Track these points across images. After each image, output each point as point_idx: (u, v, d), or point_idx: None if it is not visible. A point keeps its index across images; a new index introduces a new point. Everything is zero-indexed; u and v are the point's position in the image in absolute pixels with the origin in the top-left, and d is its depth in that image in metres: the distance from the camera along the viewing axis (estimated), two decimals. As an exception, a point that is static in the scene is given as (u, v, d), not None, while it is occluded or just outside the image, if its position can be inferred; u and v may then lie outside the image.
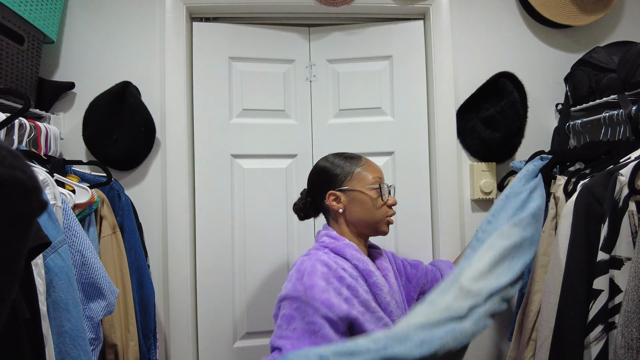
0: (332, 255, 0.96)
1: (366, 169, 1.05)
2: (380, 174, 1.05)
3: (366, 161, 1.07)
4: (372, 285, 0.94)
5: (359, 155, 1.08)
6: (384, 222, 1.03)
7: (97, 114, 1.39)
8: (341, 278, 0.89)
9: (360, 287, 0.91)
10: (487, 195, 1.51)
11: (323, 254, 0.94)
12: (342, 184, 1.03)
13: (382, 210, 1.02)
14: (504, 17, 1.57)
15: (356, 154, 1.09)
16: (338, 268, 0.91)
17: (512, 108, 1.40)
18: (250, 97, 1.56)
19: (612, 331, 0.89)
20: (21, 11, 1.19)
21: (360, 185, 1.02)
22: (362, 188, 1.02)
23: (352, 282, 0.90)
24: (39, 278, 0.82)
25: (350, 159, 1.07)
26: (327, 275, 0.88)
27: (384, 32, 1.58)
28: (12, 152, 0.33)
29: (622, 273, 0.88)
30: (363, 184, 1.02)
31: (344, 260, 0.96)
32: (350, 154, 1.09)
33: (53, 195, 0.94)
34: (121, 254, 1.24)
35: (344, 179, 1.04)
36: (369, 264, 0.97)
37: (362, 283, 0.94)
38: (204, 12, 1.54)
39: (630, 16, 1.58)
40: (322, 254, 0.95)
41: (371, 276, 0.95)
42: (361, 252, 1.00)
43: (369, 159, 1.08)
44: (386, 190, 1.04)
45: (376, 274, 0.96)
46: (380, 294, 0.95)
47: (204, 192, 1.51)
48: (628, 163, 0.93)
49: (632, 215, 0.88)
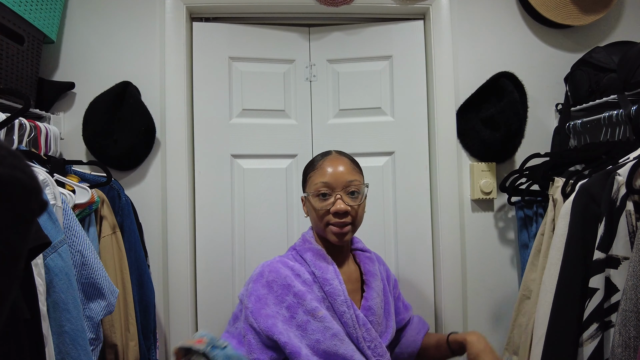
0: (290, 260, 0.98)
1: (316, 172, 0.99)
2: (326, 178, 0.96)
3: (322, 163, 1.00)
4: (327, 294, 0.92)
5: (327, 154, 1.03)
6: (329, 231, 0.96)
7: (97, 114, 1.39)
8: (288, 286, 0.90)
9: (310, 295, 0.91)
10: (487, 195, 1.51)
11: (278, 261, 0.96)
12: (304, 188, 1.04)
13: (325, 219, 0.96)
14: (504, 17, 1.57)
15: (329, 151, 1.05)
16: (289, 275, 0.92)
17: (512, 108, 1.40)
18: (250, 97, 1.56)
19: (609, 330, 0.89)
20: (21, 11, 1.19)
21: (309, 191, 0.99)
22: (310, 195, 0.99)
23: (302, 290, 0.90)
24: (39, 278, 0.82)
25: (313, 162, 1.04)
26: (272, 284, 0.91)
27: (384, 32, 1.59)
28: (12, 152, 0.33)
29: (619, 272, 0.88)
30: (310, 190, 0.99)
31: (304, 264, 0.96)
32: (324, 152, 1.05)
33: (53, 195, 0.95)
34: (121, 254, 1.24)
35: (304, 183, 1.04)
36: (329, 271, 0.94)
37: (317, 290, 0.93)
38: (204, 12, 1.54)
39: (630, 16, 1.58)
40: (278, 260, 0.97)
41: (326, 284, 0.93)
42: (326, 257, 0.97)
43: (330, 160, 1.00)
44: (330, 199, 0.95)
45: (333, 282, 0.93)
46: (335, 303, 0.92)
47: (204, 192, 1.51)
48: (626, 163, 0.93)
49: (630, 215, 0.88)
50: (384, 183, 1.57)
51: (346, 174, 0.97)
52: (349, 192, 0.96)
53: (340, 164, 0.98)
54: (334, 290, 0.92)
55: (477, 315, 1.53)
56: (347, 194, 0.96)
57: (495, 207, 1.55)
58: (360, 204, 0.98)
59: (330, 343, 0.86)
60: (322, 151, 1.08)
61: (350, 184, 0.96)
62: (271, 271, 0.93)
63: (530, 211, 1.43)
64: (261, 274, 0.93)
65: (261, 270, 0.94)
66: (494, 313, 1.53)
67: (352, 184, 0.96)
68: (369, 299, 0.97)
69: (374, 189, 1.57)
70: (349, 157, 1.04)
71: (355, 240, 1.12)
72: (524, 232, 1.46)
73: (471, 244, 1.54)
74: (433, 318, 1.54)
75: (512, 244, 1.55)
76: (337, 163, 0.99)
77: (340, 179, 0.96)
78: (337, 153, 1.04)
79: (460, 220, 1.53)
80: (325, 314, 0.89)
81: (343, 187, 0.96)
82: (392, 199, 1.56)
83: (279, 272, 0.93)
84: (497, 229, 1.55)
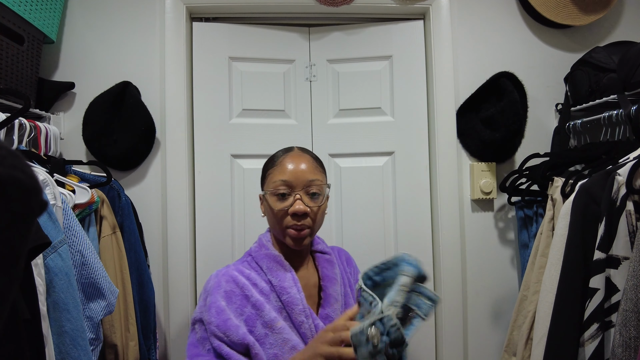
0: (246, 268, 0.91)
1: (275, 169, 0.92)
2: (286, 176, 0.89)
3: (283, 160, 0.92)
4: (285, 303, 0.87)
5: (288, 150, 0.96)
6: (286, 234, 0.89)
7: (97, 114, 1.39)
8: (246, 297, 0.86)
9: (269, 305, 0.86)
10: (487, 195, 1.51)
11: (233, 270, 0.90)
12: (262, 186, 0.96)
13: (282, 220, 0.89)
14: (504, 17, 1.57)
15: (291, 147, 0.97)
16: (246, 285, 0.87)
17: (512, 108, 1.40)
18: (250, 97, 1.56)
19: (609, 330, 0.89)
20: (21, 11, 1.19)
21: (267, 189, 0.92)
22: (268, 193, 0.91)
23: (260, 300, 0.85)
24: (39, 278, 0.82)
25: (274, 158, 0.95)
26: (230, 295, 0.85)
27: (384, 32, 1.59)
28: (12, 152, 0.33)
29: (619, 272, 0.88)
30: (268, 187, 0.92)
31: (260, 272, 0.90)
32: (286, 148, 0.97)
33: (53, 195, 0.95)
34: (121, 254, 1.24)
35: (263, 180, 0.96)
36: (287, 279, 0.89)
37: (275, 300, 0.88)
38: (204, 12, 1.54)
39: (630, 16, 1.59)
40: (233, 269, 0.91)
41: (284, 293, 0.87)
42: (284, 264, 0.91)
43: (292, 157, 0.92)
44: (289, 200, 0.88)
45: (291, 291, 0.87)
46: (293, 313, 0.86)
47: (204, 192, 1.51)
48: (626, 163, 0.93)
49: (630, 215, 0.88)
50: (384, 183, 1.57)
51: (308, 172, 0.90)
52: (309, 193, 0.90)
53: (302, 162, 0.91)
54: (292, 300, 0.87)
55: (476, 316, 1.53)
56: (308, 194, 0.89)
57: (495, 207, 1.55)
58: (321, 206, 0.91)
59: (289, 356, 0.82)
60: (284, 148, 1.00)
61: (311, 184, 0.90)
62: (228, 281, 0.87)
63: (530, 211, 1.43)
64: (218, 285, 0.87)
65: (217, 281, 0.88)
66: (493, 313, 1.53)
67: (313, 184, 0.90)
68: (326, 307, 0.91)
69: (374, 189, 1.57)
70: (312, 154, 0.97)
71: (316, 241, 1.04)
72: (524, 232, 1.46)
73: (471, 244, 1.54)
74: (433, 318, 1.54)
75: (512, 244, 1.55)
76: (299, 160, 0.91)
77: (301, 177, 0.89)
78: (300, 149, 0.97)
79: (460, 220, 1.52)
80: (283, 325, 0.84)
81: (303, 187, 0.89)
82: (392, 199, 1.56)
83: (237, 281, 0.87)
84: (497, 229, 1.55)
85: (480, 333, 1.53)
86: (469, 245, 1.54)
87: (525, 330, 1.19)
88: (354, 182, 1.57)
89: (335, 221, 1.56)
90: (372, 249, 1.55)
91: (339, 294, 0.95)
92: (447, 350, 1.49)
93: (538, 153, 1.45)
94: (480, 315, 1.53)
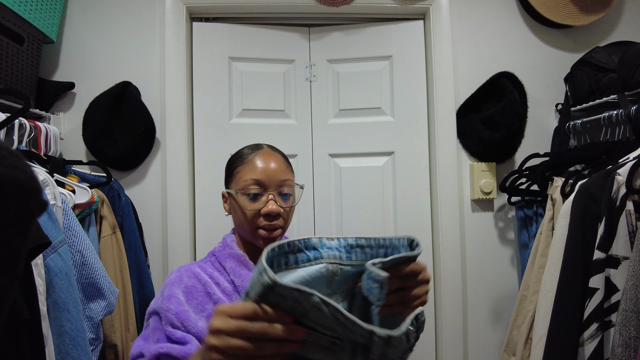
0: (209, 267, 0.88)
1: (245, 168, 0.88)
2: (258, 175, 0.86)
3: (253, 157, 0.88)
4: None
5: (258, 147, 0.91)
6: (257, 235, 0.86)
7: (97, 114, 1.39)
8: (208, 294, 0.82)
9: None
10: (487, 195, 1.51)
11: (196, 267, 0.87)
12: (227, 184, 0.92)
13: (252, 220, 0.86)
14: (504, 17, 1.57)
15: (260, 145, 0.92)
16: (209, 282, 0.83)
17: (512, 108, 1.40)
18: (250, 97, 1.56)
19: (609, 330, 0.89)
20: (21, 11, 1.19)
21: (235, 189, 0.88)
22: (238, 192, 0.87)
23: (222, 299, 0.82)
24: (39, 278, 0.82)
25: (241, 155, 0.91)
26: (192, 290, 0.81)
27: (384, 32, 1.59)
28: (12, 152, 0.33)
29: (619, 272, 0.88)
30: (237, 187, 0.88)
31: (223, 272, 0.87)
32: (254, 145, 0.93)
33: (53, 195, 0.95)
34: (121, 254, 1.24)
35: (228, 178, 0.92)
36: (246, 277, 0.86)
37: (237, 300, 0.83)
38: (204, 12, 1.54)
39: (630, 16, 1.59)
40: (196, 266, 0.87)
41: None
42: (247, 264, 0.88)
43: (263, 155, 0.88)
44: (261, 199, 0.85)
45: None
46: None
47: (204, 192, 1.51)
48: (626, 163, 0.93)
49: (630, 215, 0.88)
50: (384, 183, 1.57)
51: (279, 172, 0.87)
52: (282, 193, 0.88)
53: (274, 160, 0.88)
54: None
55: (476, 316, 1.53)
56: (280, 194, 0.87)
57: (495, 207, 1.55)
58: (292, 206, 0.90)
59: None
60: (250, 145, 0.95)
61: (283, 184, 0.87)
62: (190, 277, 0.84)
63: (530, 211, 1.43)
64: (179, 279, 0.83)
65: (179, 275, 0.84)
66: (493, 313, 1.53)
67: (285, 184, 0.88)
68: None
69: (374, 189, 1.57)
70: (282, 153, 0.94)
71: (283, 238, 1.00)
72: (524, 232, 1.46)
73: (471, 244, 1.54)
74: (433, 318, 1.54)
75: (512, 244, 1.55)
76: (270, 159, 0.88)
77: (274, 177, 0.86)
78: (269, 147, 0.93)
79: (460, 220, 1.53)
80: None
81: (276, 187, 0.86)
82: (392, 199, 1.56)
83: (199, 278, 0.84)
84: (497, 229, 1.55)
85: (480, 333, 1.53)
86: (469, 245, 1.54)
87: (525, 329, 1.19)
88: (354, 182, 1.57)
89: (335, 221, 1.56)
90: (372, 249, 1.55)
91: None
92: (447, 350, 1.49)
93: (538, 153, 1.45)
94: (480, 315, 1.53)
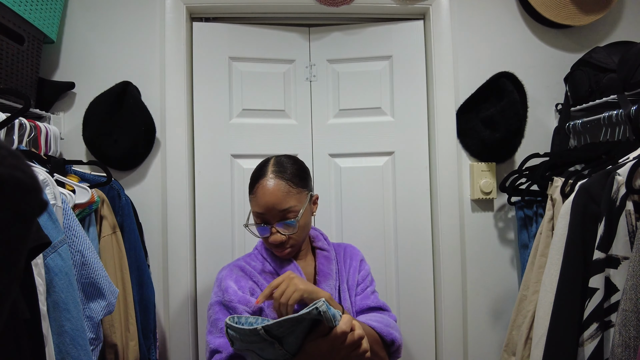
0: (252, 260, 1.04)
1: (252, 199, 0.97)
2: (260, 209, 0.94)
3: (256, 189, 0.95)
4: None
5: (261, 175, 0.96)
6: (270, 250, 1.02)
7: (97, 114, 1.39)
8: (254, 282, 0.98)
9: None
10: (487, 195, 1.51)
11: (242, 261, 1.03)
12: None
13: (265, 242, 1.01)
14: (504, 17, 1.57)
15: (264, 170, 0.96)
16: (253, 272, 0.99)
17: (512, 108, 1.40)
18: (250, 97, 1.56)
19: (609, 330, 0.89)
20: (21, 11, 1.19)
21: (250, 211, 0.99)
22: (250, 216, 1.00)
23: (266, 284, 0.97)
24: (39, 278, 0.82)
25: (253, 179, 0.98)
26: (240, 279, 0.97)
27: (384, 32, 1.59)
28: (12, 152, 0.33)
29: (618, 272, 0.88)
30: (252, 210, 0.99)
31: (265, 262, 1.02)
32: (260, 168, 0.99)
33: (53, 195, 0.95)
34: (121, 254, 1.24)
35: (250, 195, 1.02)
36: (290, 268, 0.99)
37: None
38: (204, 12, 1.54)
39: (630, 16, 1.58)
40: (242, 260, 1.04)
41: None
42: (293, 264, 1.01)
43: (262, 188, 0.94)
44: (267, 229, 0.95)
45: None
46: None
47: (204, 192, 1.51)
48: (626, 163, 0.93)
49: (630, 215, 0.88)
50: (384, 183, 1.57)
51: (280, 203, 0.92)
52: (285, 222, 0.94)
53: (273, 192, 0.93)
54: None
55: (476, 316, 1.53)
56: (284, 224, 0.94)
57: (495, 207, 1.55)
58: (299, 227, 0.96)
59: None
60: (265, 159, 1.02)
61: (285, 214, 0.93)
62: (237, 270, 1.00)
63: (530, 211, 1.43)
64: (230, 273, 0.99)
65: (229, 270, 1.00)
66: (493, 313, 1.53)
67: (287, 214, 0.93)
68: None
69: (374, 189, 1.57)
70: (285, 177, 0.95)
71: (317, 237, 1.11)
72: (523, 232, 1.46)
73: (471, 244, 1.54)
74: (433, 318, 1.54)
75: (512, 244, 1.55)
76: (270, 192, 0.93)
77: (274, 210, 0.93)
78: (274, 173, 0.95)
79: (460, 220, 1.53)
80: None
81: (278, 219, 0.94)
82: (392, 199, 1.56)
83: (244, 270, 1.00)
84: (497, 229, 1.55)
85: (480, 332, 1.53)
86: (469, 245, 1.54)
87: (525, 329, 1.19)
88: (354, 182, 1.57)
89: (335, 221, 1.57)
90: (372, 249, 1.55)
91: (333, 287, 1.00)
92: (447, 350, 1.49)
93: (538, 153, 1.45)
94: (480, 315, 1.53)
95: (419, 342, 1.53)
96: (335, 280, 1.02)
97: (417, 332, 1.53)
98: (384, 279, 1.55)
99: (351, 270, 1.07)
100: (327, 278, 1.01)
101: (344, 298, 1.01)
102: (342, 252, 1.11)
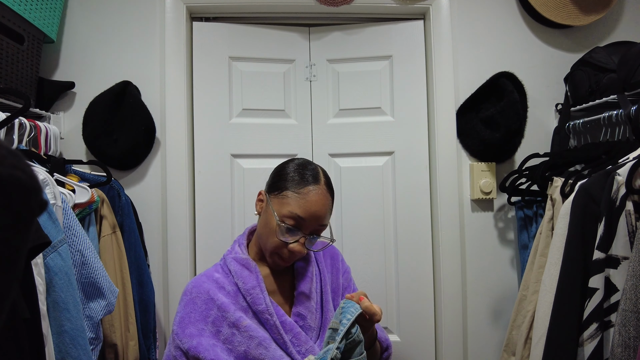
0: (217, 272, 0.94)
1: (296, 197, 0.88)
2: (303, 213, 0.87)
3: (308, 192, 0.88)
4: (250, 304, 0.89)
5: (316, 180, 0.91)
6: (272, 257, 0.92)
7: (97, 114, 1.39)
8: (211, 300, 0.89)
9: (235, 305, 0.89)
10: (487, 195, 1.51)
11: (203, 276, 0.94)
12: (272, 190, 0.93)
13: (276, 246, 0.90)
14: (504, 17, 1.57)
15: (319, 177, 0.92)
16: (212, 288, 0.91)
17: (512, 108, 1.40)
18: (250, 97, 1.56)
19: (608, 330, 0.89)
20: (21, 11, 1.19)
21: (277, 209, 0.89)
22: (276, 213, 0.89)
23: (225, 302, 0.88)
24: (39, 278, 0.82)
25: (300, 175, 0.91)
26: (195, 300, 0.90)
27: (384, 32, 1.59)
28: (12, 152, 0.33)
29: (618, 272, 0.88)
30: (279, 209, 0.89)
31: (229, 275, 0.93)
32: (314, 172, 0.93)
33: (53, 195, 0.95)
34: (121, 254, 1.24)
35: (276, 188, 0.92)
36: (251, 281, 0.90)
37: (242, 300, 0.90)
38: (204, 12, 1.54)
39: (630, 16, 1.58)
40: (203, 275, 0.95)
41: (248, 295, 0.89)
42: (250, 266, 0.92)
43: (317, 195, 0.89)
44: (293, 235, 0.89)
45: (254, 292, 0.89)
46: (257, 312, 0.89)
47: (204, 192, 1.51)
48: (626, 163, 0.93)
49: (629, 215, 0.88)
50: (384, 183, 1.57)
51: (323, 217, 0.90)
52: (313, 236, 0.91)
53: (323, 206, 0.90)
54: (255, 300, 0.89)
55: (476, 315, 1.53)
56: (311, 238, 0.91)
57: (495, 207, 1.55)
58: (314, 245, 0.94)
59: (257, 352, 0.84)
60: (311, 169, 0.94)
61: (319, 229, 0.91)
62: (194, 287, 0.92)
63: (530, 211, 1.43)
64: (185, 292, 0.92)
65: (186, 289, 0.93)
66: (493, 313, 1.53)
67: (320, 229, 0.91)
68: (298, 305, 0.93)
69: (374, 188, 1.57)
70: (332, 194, 0.94)
71: None
72: (523, 233, 1.46)
73: (471, 244, 1.54)
74: (433, 318, 1.54)
75: (512, 244, 1.55)
76: (322, 202, 0.90)
77: (314, 222, 0.89)
78: (326, 184, 0.93)
79: (460, 220, 1.53)
80: (250, 323, 0.87)
81: (312, 231, 0.90)
82: (392, 199, 1.56)
83: (202, 286, 0.91)
84: (497, 229, 1.55)
85: (480, 333, 1.53)
86: (469, 245, 1.54)
87: (525, 329, 1.19)
88: (354, 182, 1.57)
89: (335, 221, 1.57)
90: (372, 249, 1.55)
91: (313, 291, 0.96)
92: (446, 350, 1.49)
93: (538, 153, 1.45)
94: (479, 315, 1.53)
95: (419, 343, 1.53)
96: (317, 283, 0.98)
97: (417, 331, 1.53)
98: (384, 279, 1.55)
99: (334, 272, 1.04)
100: (306, 281, 0.96)
101: (326, 300, 0.97)
102: (322, 252, 1.05)
